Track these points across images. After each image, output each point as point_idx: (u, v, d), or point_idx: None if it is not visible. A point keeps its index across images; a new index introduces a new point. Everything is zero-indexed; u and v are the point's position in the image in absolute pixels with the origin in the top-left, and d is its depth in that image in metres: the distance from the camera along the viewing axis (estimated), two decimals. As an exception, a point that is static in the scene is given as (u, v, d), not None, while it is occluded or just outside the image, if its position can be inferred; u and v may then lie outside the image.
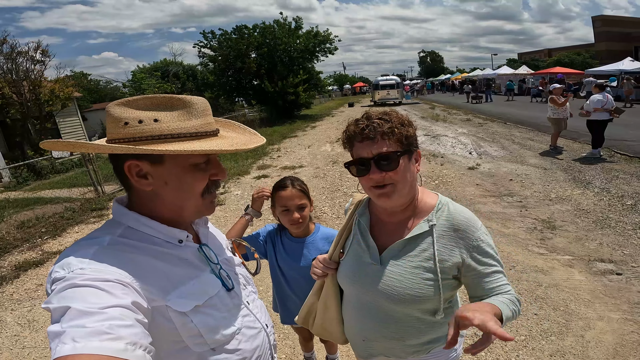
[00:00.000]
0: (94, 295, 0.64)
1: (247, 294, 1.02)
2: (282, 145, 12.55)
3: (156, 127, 0.80)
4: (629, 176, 6.20)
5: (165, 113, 0.82)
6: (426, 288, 1.08)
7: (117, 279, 0.69)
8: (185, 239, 0.89)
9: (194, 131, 0.83)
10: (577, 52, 47.89)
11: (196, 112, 0.84)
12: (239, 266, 1.07)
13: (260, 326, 1.00)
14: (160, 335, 0.76)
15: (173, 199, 0.85)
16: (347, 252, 1.26)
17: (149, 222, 0.85)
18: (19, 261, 4.80)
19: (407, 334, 1.17)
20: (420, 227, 1.12)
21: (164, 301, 0.78)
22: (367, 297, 1.18)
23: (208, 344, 0.84)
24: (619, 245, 3.91)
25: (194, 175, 0.85)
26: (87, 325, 0.59)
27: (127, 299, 0.67)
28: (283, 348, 2.78)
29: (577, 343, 2.57)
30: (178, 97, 0.83)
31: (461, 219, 1.12)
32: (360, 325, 1.23)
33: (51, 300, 0.65)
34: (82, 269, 0.69)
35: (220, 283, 0.91)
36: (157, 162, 0.81)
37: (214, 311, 0.86)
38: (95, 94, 37.85)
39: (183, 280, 0.83)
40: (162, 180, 0.83)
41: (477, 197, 5.76)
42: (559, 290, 3.20)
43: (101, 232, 0.82)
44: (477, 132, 12.00)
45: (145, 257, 0.80)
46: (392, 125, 1.07)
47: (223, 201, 6.59)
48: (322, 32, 22.13)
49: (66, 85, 15.59)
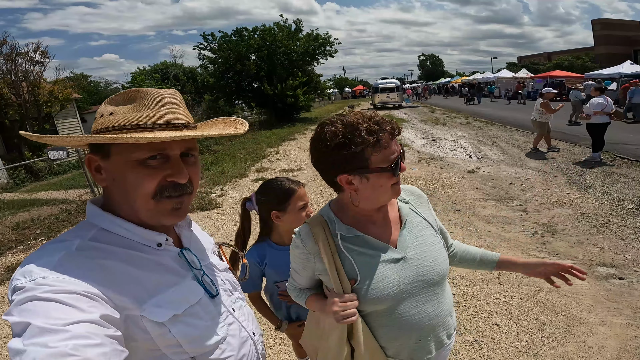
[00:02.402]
0: (57, 310, 0.59)
1: (233, 300, 0.96)
2: (281, 148, 12.51)
3: (109, 119, 0.76)
4: (629, 180, 6.15)
5: (123, 107, 0.77)
6: (443, 250, 1.19)
7: (84, 290, 0.63)
8: (165, 243, 0.83)
9: (141, 122, 0.74)
10: (576, 55, 47.99)
11: (149, 104, 0.76)
12: (225, 271, 1.00)
13: (246, 335, 0.94)
14: (135, 346, 0.71)
15: (122, 197, 0.78)
16: (359, 274, 1.06)
17: (124, 223, 0.78)
18: (12, 263, 4.74)
19: (450, 306, 1.21)
20: (404, 208, 1.18)
21: (139, 310, 0.71)
22: (414, 290, 1.08)
23: (188, 353, 0.78)
24: (621, 249, 3.85)
25: (137, 172, 0.75)
26: (49, 345, 0.54)
27: (94, 313, 0.61)
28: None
29: (579, 349, 2.51)
30: (139, 90, 0.77)
31: (413, 189, 1.29)
32: (414, 324, 1.08)
33: (12, 312, 0.60)
34: (44, 277, 0.63)
35: (202, 290, 0.85)
36: (105, 157, 0.76)
37: (195, 320, 0.80)
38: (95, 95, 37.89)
39: (161, 288, 0.77)
40: (111, 176, 0.77)
41: (477, 201, 5.71)
42: (560, 295, 3.14)
43: (71, 235, 0.76)
44: (477, 136, 11.96)
45: (118, 263, 0.73)
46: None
47: (220, 204, 6.53)
48: (322, 35, 22.17)
49: (65, 86, 15.60)
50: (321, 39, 22.02)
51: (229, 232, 5.13)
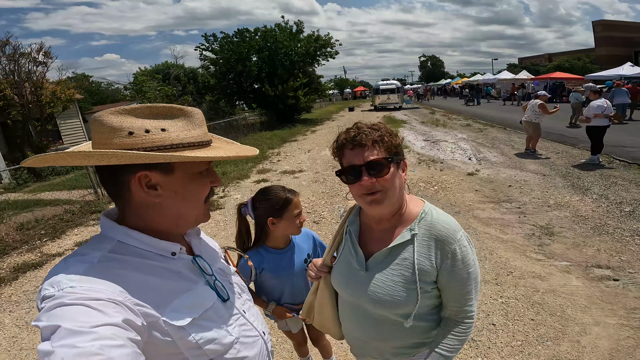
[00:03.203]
0: (84, 314, 0.63)
1: (242, 302, 1.02)
2: (282, 150, 12.58)
3: (165, 136, 0.79)
4: (627, 183, 6.22)
5: (170, 122, 0.82)
6: (404, 295, 1.12)
7: (108, 298, 0.68)
8: (179, 252, 0.88)
9: (198, 140, 0.84)
10: (577, 57, 48.09)
11: (197, 122, 0.86)
12: (233, 275, 1.07)
13: (257, 334, 1.00)
14: (156, 350, 0.76)
15: (177, 208, 0.85)
16: (338, 258, 1.32)
17: (140, 236, 0.83)
18: (18, 263, 4.82)
19: (389, 336, 1.22)
20: (403, 237, 1.15)
21: (160, 316, 0.77)
22: (356, 301, 1.24)
23: (207, 355, 0.84)
24: (617, 251, 3.92)
25: (200, 183, 0.87)
26: (77, 345, 0.58)
27: (118, 317, 0.66)
28: (281, 352, 2.79)
29: (573, 348, 2.58)
30: (178, 107, 0.84)
31: (440, 229, 1.14)
32: (353, 325, 1.31)
33: (41, 318, 0.64)
34: (72, 287, 0.68)
35: (215, 294, 0.91)
36: (168, 172, 0.81)
37: (210, 323, 0.86)
38: (97, 95, 37.94)
39: (177, 294, 0.83)
40: (172, 190, 0.83)
41: (476, 203, 5.78)
42: (555, 295, 3.21)
43: (90, 249, 0.80)
44: (477, 138, 12.03)
45: (138, 273, 0.79)
46: (382, 133, 1.11)
47: (223, 205, 6.61)
48: (323, 36, 22.23)
49: (67, 87, 15.65)
50: (322, 40, 22.09)
51: (231, 233, 5.18)
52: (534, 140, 8.99)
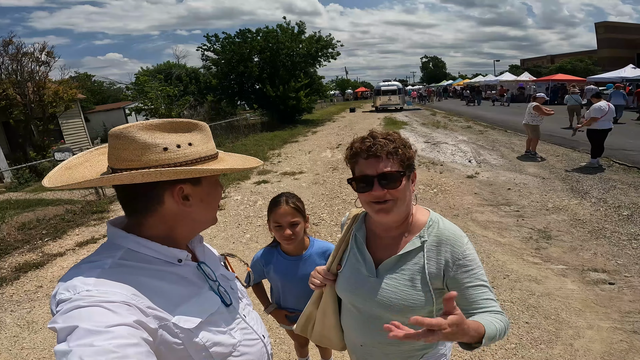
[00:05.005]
0: (100, 314, 0.66)
1: (242, 307, 1.05)
2: (282, 151, 12.61)
3: (194, 150, 0.87)
4: (626, 186, 6.24)
5: (191, 136, 0.88)
6: (419, 299, 1.16)
7: (122, 300, 0.71)
8: (185, 258, 0.92)
9: (214, 153, 0.94)
10: (579, 58, 47.87)
11: (209, 135, 0.94)
12: (233, 280, 1.11)
13: (258, 337, 1.04)
14: (165, 352, 0.79)
15: (200, 215, 0.93)
16: (344, 265, 1.33)
17: (149, 243, 0.87)
18: (19, 262, 4.85)
19: (399, 340, 1.23)
20: (413, 243, 1.20)
21: (171, 319, 0.80)
22: (365, 307, 1.25)
23: (213, 357, 0.88)
24: (613, 255, 3.95)
25: (217, 189, 0.97)
26: (95, 344, 0.60)
27: (131, 318, 0.69)
28: (279, 353, 2.82)
29: (566, 351, 2.61)
30: (192, 122, 0.90)
31: (448, 235, 1.20)
32: (359, 332, 1.30)
33: (57, 320, 0.66)
34: (89, 290, 0.70)
35: (219, 299, 0.95)
36: (197, 183, 0.89)
37: (215, 327, 0.90)
38: (99, 95, 38.00)
39: (186, 299, 0.86)
40: (199, 199, 0.90)
41: (475, 206, 5.80)
42: (551, 299, 3.24)
43: (101, 256, 0.83)
44: (477, 140, 12.04)
45: (148, 278, 0.82)
46: (397, 145, 1.15)
47: (223, 206, 6.64)
48: (324, 37, 22.28)
49: (70, 86, 15.72)
50: (323, 41, 22.13)
51: (231, 234, 5.24)
52: (533, 143, 9.02)
